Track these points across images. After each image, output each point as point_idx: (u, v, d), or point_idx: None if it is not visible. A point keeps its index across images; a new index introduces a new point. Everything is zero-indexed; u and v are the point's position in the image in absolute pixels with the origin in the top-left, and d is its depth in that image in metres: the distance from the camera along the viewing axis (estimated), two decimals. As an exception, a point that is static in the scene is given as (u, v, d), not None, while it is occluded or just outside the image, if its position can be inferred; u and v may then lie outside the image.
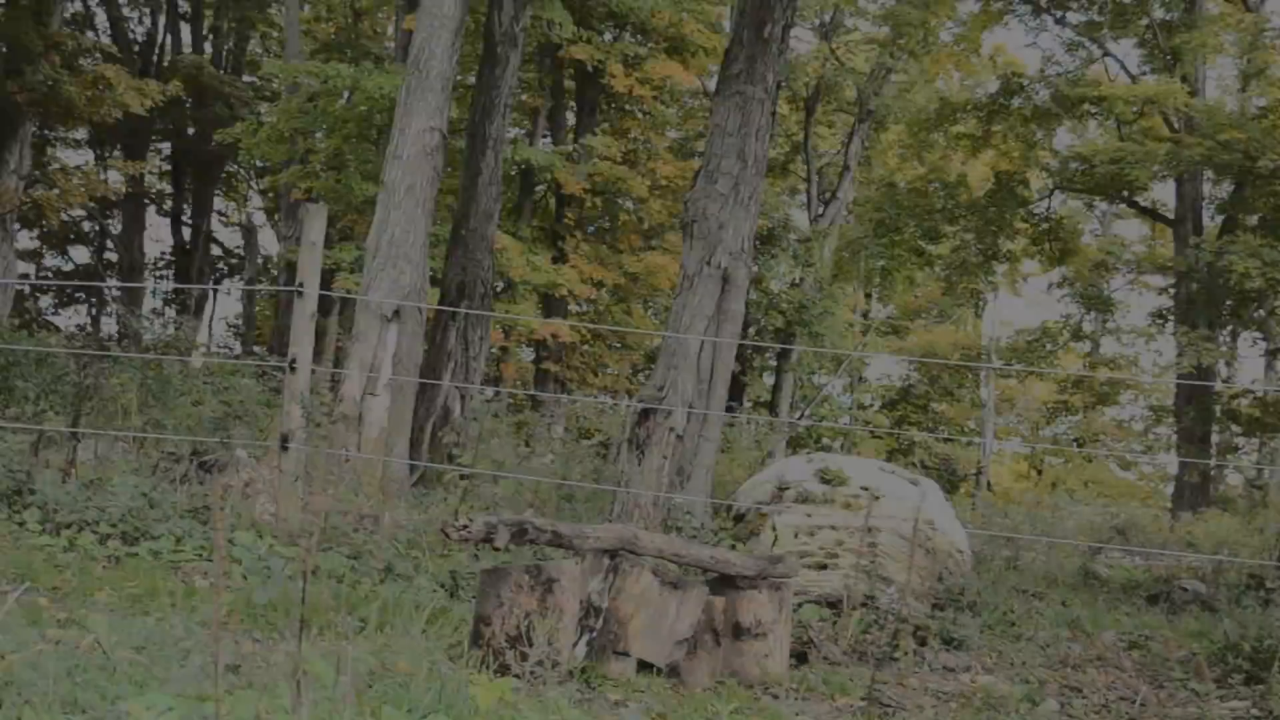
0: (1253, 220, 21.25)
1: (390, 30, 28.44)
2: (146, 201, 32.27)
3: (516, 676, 4.13)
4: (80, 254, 33.95)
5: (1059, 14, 23.25)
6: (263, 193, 33.73)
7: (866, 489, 7.11)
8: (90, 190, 25.19)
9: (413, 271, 10.87)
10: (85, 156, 32.74)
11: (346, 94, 22.04)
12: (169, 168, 33.36)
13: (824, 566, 6.82)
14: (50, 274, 33.85)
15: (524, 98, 22.62)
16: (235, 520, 6.49)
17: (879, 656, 5.60)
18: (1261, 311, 21.20)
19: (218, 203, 34.55)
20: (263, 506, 6.97)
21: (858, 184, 29.93)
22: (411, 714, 3.40)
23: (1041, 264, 25.65)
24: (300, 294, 6.97)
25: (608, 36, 23.49)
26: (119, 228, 31.80)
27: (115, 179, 28.38)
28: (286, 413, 6.94)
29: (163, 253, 35.38)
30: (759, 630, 5.07)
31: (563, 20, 20.51)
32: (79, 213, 30.28)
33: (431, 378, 12.61)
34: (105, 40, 29.01)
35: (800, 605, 6.21)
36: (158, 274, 35.00)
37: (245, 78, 32.16)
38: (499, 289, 21.22)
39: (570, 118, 24.69)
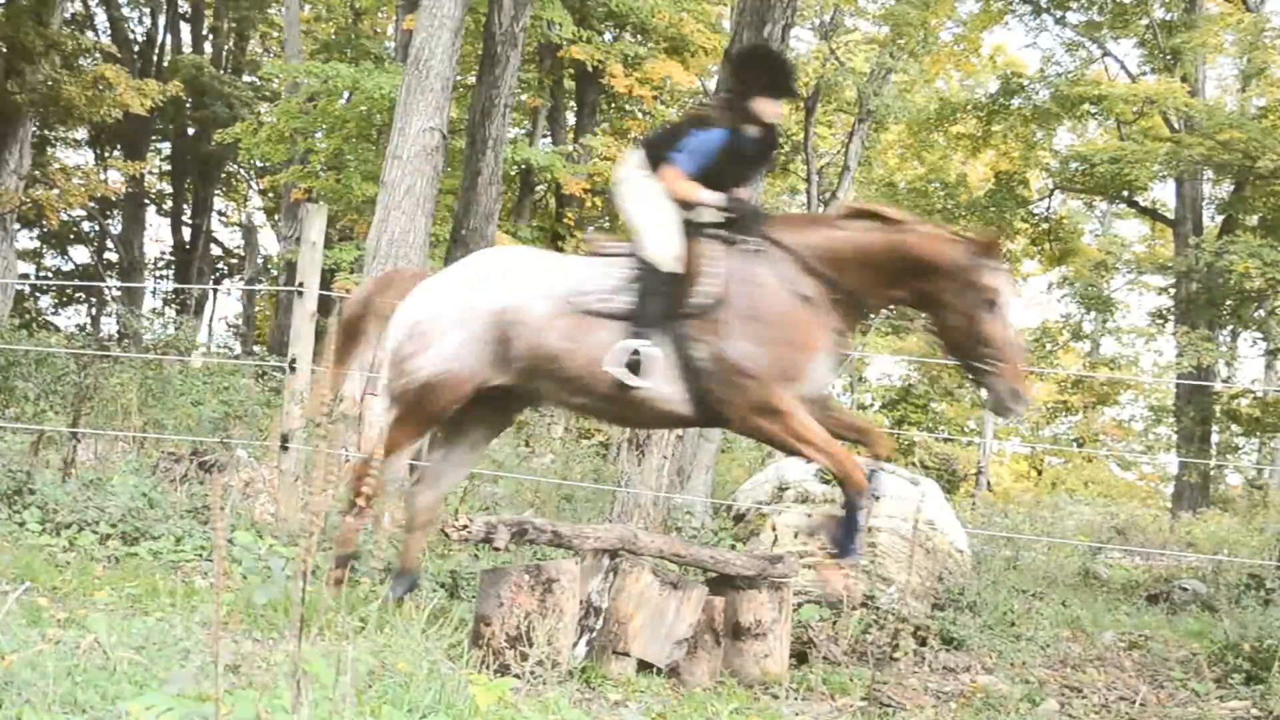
0: (1253, 220, 21.26)
1: (390, 30, 28.43)
2: (146, 201, 32.26)
3: (516, 676, 4.13)
4: (80, 254, 33.94)
5: (1059, 14, 23.25)
6: (263, 193, 33.70)
7: (866, 489, 7.09)
8: (90, 190, 25.21)
9: (413, 271, 10.87)
10: (85, 156, 32.70)
11: (346, 94, 22.03)
12: (169, 168, 33.35)
13: (824, 566, 6.81)
14: (50, 274, 33.84)
15: (524, 98, 22.60)
16: (235, 520, 6.49)
17: (879, 656, 5.60)
18: (1261, 311, 21.21)
19: (218, 203, 34.54)
20: (263, 506, 6.97)
21: (858, 184, 29.89)
22: (411, 714, 3.40)
23: (1041, 264, 25.66)
24: (300, 294, 6.97)
25: (608, 36, 23.48)
26: (119, 228, 31.79)
27: (115, 179, 28.38)
28: (286, 413, 6.95)
29: (163, 253, 35.35)
30: (759, 630, 5.07)
31: (563, 20, 20.51)
32: (79, 213, 30.27)
33: (431, 378, 12.60)
34: (105, 40, 29.00)
35: (800, 605, 6.21)
36: (158, 274, 34.98)
37: (245, 78, 32.15)
38: (499, 289, 21.17)
39: (570, 118, 24.68)
